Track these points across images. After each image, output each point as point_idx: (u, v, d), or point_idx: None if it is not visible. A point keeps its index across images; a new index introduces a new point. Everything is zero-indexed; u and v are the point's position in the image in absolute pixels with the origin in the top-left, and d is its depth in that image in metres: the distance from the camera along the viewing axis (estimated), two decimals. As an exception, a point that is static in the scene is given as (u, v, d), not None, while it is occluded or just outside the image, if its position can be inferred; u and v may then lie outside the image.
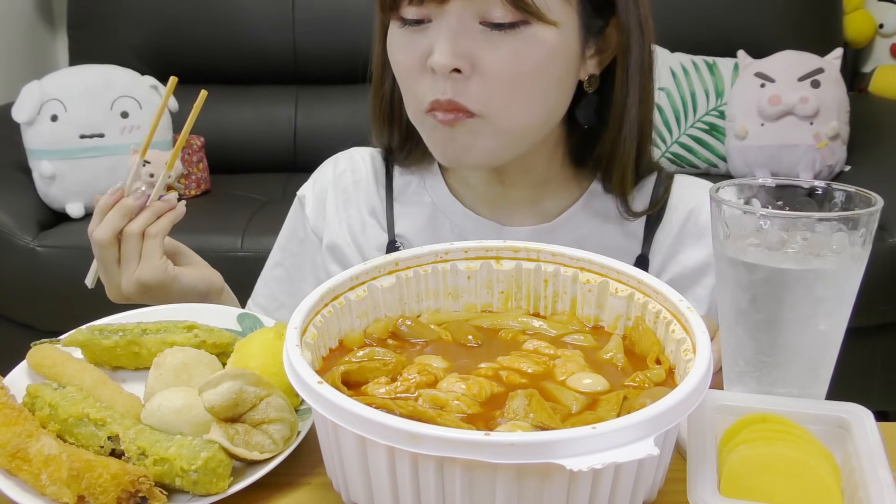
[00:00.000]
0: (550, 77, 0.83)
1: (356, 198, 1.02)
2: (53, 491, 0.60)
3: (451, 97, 0.81)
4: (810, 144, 2.33)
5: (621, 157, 0.90)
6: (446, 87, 0.81)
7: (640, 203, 0.96)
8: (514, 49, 0.80)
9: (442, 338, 0.68)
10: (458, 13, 0.80)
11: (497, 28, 0.80)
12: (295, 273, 1.05)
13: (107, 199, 0.94)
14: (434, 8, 0.80)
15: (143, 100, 2.24)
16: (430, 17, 0.81)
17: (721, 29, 2.56)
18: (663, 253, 0.96)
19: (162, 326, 0.77)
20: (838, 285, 0.63)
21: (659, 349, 0.64)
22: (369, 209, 1.01)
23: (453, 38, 0.80)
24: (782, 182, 0.68)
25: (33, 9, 2.80)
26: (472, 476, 0.50)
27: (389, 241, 0.99)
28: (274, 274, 1.07)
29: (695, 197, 0.97)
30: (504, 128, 0.84)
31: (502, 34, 0.80)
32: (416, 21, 0.82)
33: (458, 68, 0.80)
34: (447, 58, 0.79)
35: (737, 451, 0.58)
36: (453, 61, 0.80)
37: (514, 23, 0.79)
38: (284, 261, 1.06)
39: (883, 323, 2.06)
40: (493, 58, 0.80)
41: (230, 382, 0.62)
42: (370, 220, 1.01)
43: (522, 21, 0.79)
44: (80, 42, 2.62)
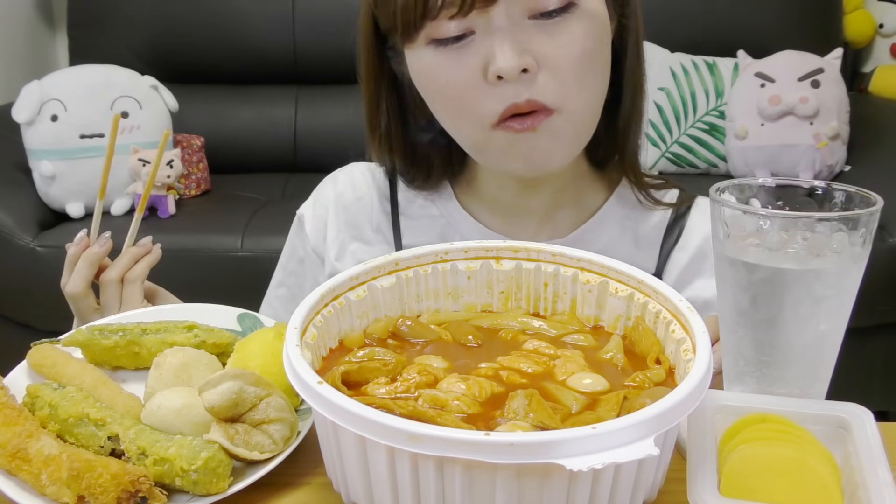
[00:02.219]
0: (605, 50, 0.83)
1: (358, 216, 1.00)
2: (53, 491, 0.60)
3: (529, 97, 0.78)
4: (810, 144, 2.33)
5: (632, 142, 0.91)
6: (519, 89, 0.78)
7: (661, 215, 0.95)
8: (573, 32, 0.79)
9: (442, 338, 0.68)
10: (506, 13, 0.77)
11: (548, 17, 0.78)
12: (297, 292, 1.04)
13: (74, 251, 0.93)
14: (478, 16, 0.77)
15: (143, 100, 2.25)
16: (472, 28, 0.78)
17: (721, 29, 2.57)
18: (677, 273, 0.94)
19: (162, 326, 0.77)
20: (838, 285, 0.63)
21: (659, 349, 0.64)
22: (374, 226, 0.99)
23: (511, 38, 0.77)
24: (782, 182, 0.68)
25: (33, 9, 2.80)
26: (472, 476, 0.50)
27: None
28: (277, 294, 1.06)
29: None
30: (580, 117, 0.82)
31: (555, 22, 0.78)
32: (456, 38, 0.79)
33: (525, 68, 0.77)
34: (513, 59, 0.76)
35: (737, 451, 0.58)
36: (521, 61, 0.77)
37: (564, 7, 0.78)
38: (286, 280, 1.05)
39: (883, 323, 2.06)
40: (556, 47, 0.78)
41: (230, 382, 0.62)
42: (376, 237, 0.99)
43: (571, 3, 0.78)
44: (80, 42, 2.62)
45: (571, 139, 0.84)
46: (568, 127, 0.82)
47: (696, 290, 0.93)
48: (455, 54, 0.79)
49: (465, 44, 0.79)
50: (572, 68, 0.79)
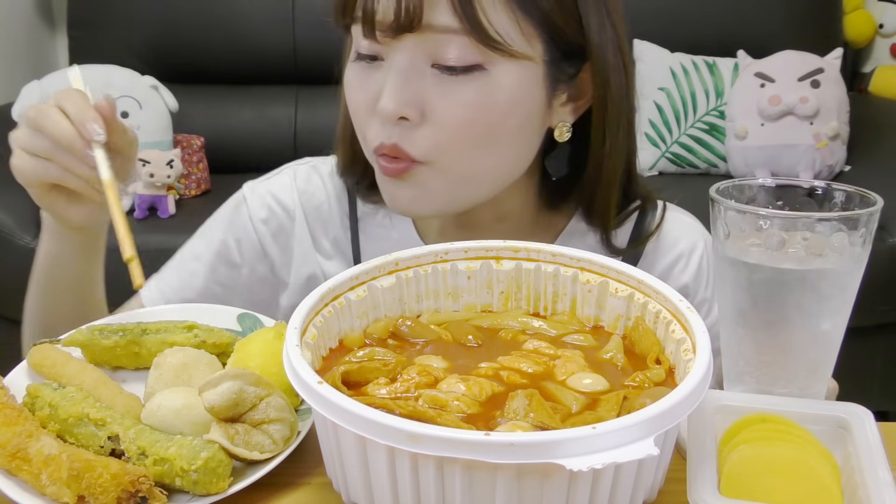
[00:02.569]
0: (508, 127, 0.77)
1: (321, 224, 0.94)
2: (53, 491, 0.60)
3: (396, 142, 0.76)
4: (810, 144, 2.34)
5: (602, 202, 0.85)
6: (392, 132, 0.76)
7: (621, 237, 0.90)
8: (468, 97, 0.74)
9: (442, 338, 0.68)
10: (410, 53, 0.74)
11: (450, 72, 0.74)
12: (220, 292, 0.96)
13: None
14: (386, 46, 0.75)
15: (143, 100, 2.25)
16: (382, 54, 0.76)
17: (721, 29, 2.57)
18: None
19: (162, 326, 0.77)
20: (838, 285, 0.63)
21: (659, 349, 0.64)
22: (331, 239, 0.94)
23: (403, 82, 0.74)
24: (782, 182, 0.68)
25: (33, 9, 2.80)
26: (472, 476, 0.50)
27: None
28: (192, 268, 0.97)
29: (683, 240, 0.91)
30: (454, 175, 0.78)
31: (455, 79, 0.74)
32: (370, 57, 0.77)
33: (405, 116, 0.75)
34: (394, 104, 0.74)
35: (737, 451, 0.58)
36: (400, 109, 0.74)
37: (468, 67, 0.73)
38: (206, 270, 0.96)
39: (883, 323, 2.07)
40: (445, 105, 0.75)
41: (230, 382, 0.62)
42: (333, 251, 0.94)
43: (477, 66, 0.73)
44: (80, 42, 2.62)
45: (444, 191, 0.80)
46: (438, 182, 0.78)
47: None
48: (367, 73, 0.78)
49: (376, 66, 0.77)
50: (454, 132, 0.76)
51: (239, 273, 0.96)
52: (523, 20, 0.74)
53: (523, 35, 0.74)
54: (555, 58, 0.78)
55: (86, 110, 0.75)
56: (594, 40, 0.77)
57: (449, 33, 0.72)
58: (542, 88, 0.78)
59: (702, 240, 0.93)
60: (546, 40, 0.76)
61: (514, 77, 0.75)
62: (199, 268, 0.96)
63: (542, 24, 0.75)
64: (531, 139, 0.81)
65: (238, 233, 0.95)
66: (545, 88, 0.78)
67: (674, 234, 0.92)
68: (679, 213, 0.95)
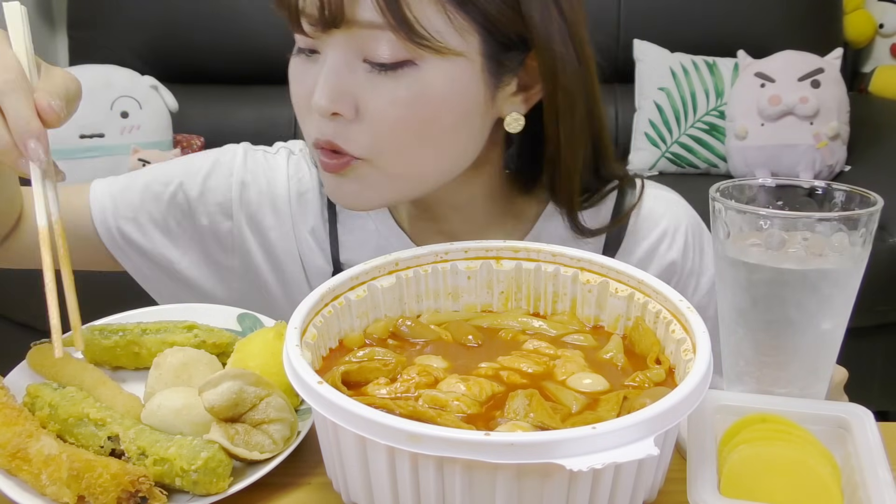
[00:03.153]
0: (445, 123, 0.75)
1: (303, 213, 0.92)
2: (53, 491, 0.60)
3: (332, 139, 0.74)
4: (810, 144, 2.33)
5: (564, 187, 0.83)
6: (326, 128, 0.74)
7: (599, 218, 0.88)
8: (400, 94, 0.72)
9: (442, 338, 0.68)
10: (343, 49, 0.72)
11: (380, 68, 0.72)
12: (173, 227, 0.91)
13: None
14: (320, 40, 0.73)
15: (143, 100, 2.25)
16: (318, 48, 0.74)
17: (721, 29, 2.56)
18: None
19: (162, 326, 0.77)
20: (838, 285, 0.63)
21: (659, 349, 0.64)
22: (309, 228, 0.92)
23: (334, 77, 0.72)
24: (782, 182, 0.68)
25: (33, 9, 2.80)
26: (472, 476, 0.50)
27: (335, 271, 0.90)
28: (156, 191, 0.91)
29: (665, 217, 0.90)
30: (394, 172, 0.77)
31: (386, 76, 0.72)
32: (309, 50, 0.75)
33: (337, 112, 0.73)
34: (326, 101, 0.72)
35: (737, 451, 0.58)
36: (332, 105, 0.72)
37: (397, 63, 0.71)
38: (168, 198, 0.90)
39: (883, 323, 2.07)
40: (377, 102, 0.73)
41: (230, 382, 0.62)
42: (311, 241, 0.92)
43: (408, 62, 0.71)
44: (80, 42, 2.62)
45: (386, 188, 0.78)
46: (378, 177, 0.77)
47: None
48: (305, 66, 0.76)
49: (314, 60, 0.75)
50: (388, 129, 0.74)
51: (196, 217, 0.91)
52: (455, 14, 0.71)
53: (455, 29, 0.72)
54: (494, 50, 0.75)
55: (29, 120, 0.62)
56: (538, 31, 0.74)
57: (375, 29, 0.70)
58: (480, 82, 0.75)
59: (685, 214, 0.92)
60: (482, 33, 0.73)
61: (446, 73, 0.73)
62: (163, 193, 0.91)
63: (477, 16, 0.72)
64: (474, 132, 0.78)
65: (218, 180, 0.92)
66: (484, 82, 0.75)
67: (657, 212, 0.90)
68: (660, 189, 0.93)
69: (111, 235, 0.90)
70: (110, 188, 0.92)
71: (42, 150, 0.63)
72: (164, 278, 0.93)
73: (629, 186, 0.90)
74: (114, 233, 0.90)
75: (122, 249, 0.91)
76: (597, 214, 0.89)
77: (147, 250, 0.91)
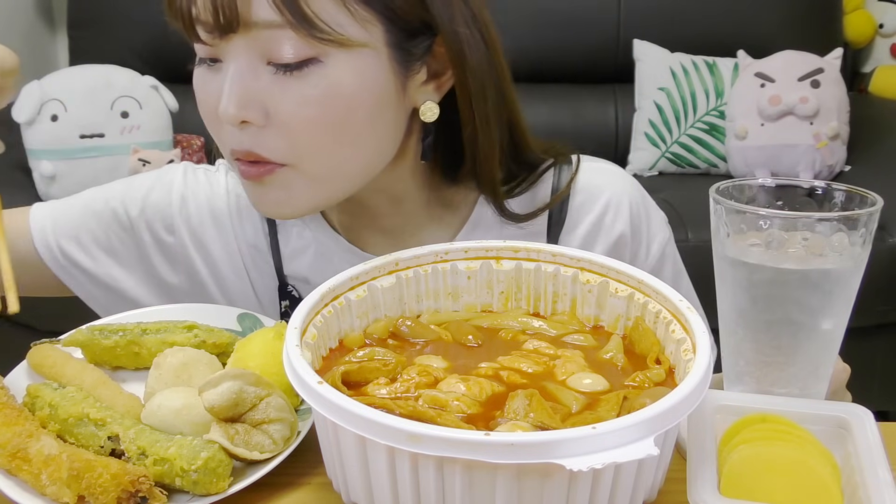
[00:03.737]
0: (359, 118, 0.73)
1: (243, 227, 0.90)
2: (53, 491, 0.60)
3: (249, 148, 0.72)
4: (810, 144, 2.34)
5: (485, 174, 0.82)
6: (241, 138, 0.72)
7: (538, 199, 0.87)
8: (308, 93, 0.70)
9: (442, 338, 0.68)
10: (245, 53, 0.70)
11: (285, 70, 0.70)
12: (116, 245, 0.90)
13: None
14: (217, 47, 0.71)
15: (143, 100, 2.25)
16: (219, 56, 0.72)
17: (721, 29, 2.57)
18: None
19: (162, 326, 0.77)
20: (838, 285, 0.63)
21: (659, 349, 0.64)
22: (251, 242, 0.90)
23: (239, 84, 0.70)
24: (782, 182, 0.68)
25: (33, 9, 2.80)
26: (472, 476, 0.50)
27: (280, 283, 0.89)
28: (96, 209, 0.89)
29: (606, 188, 0.88)
30: (316, 175, 0.75)
31: (292, 77, 0.70)
32: (210, 60, 0.73)
33: (246, 120, 0.71)
34: (233, 108, 0.70)
35: (737, 451, 0.58)
36: (240, 113, 0.71)
37: (301, 62, 0.69)
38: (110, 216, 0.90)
39: (883, 323, 2.07)
40: (286, 105, 0.71)
41: (230, 382, 0.62)
42: (254, 255, 0.90)
43: (313, 59, 0.69)
44: (80, 42, 2.62)
45: (311, 192, 0.76)
46: (301, 182, 0.75)
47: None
48: (207, 77, 0.74)
49: (216, 69, 0.73)
50: (301, 132, 0.72)
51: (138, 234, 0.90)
52: (355, 5, 0.70)
53: (357, 21, 0.70)
54: (398, 39, 0.73)
55: None
56: (439, 16, 0.73)
57: (275, 28, 0.68)
58: (389, 72, 0.73)
59: (626, 183, 0.91)
60: (385, 22, 0.72)
61: (353, 67, 0.71)
62: (104, 211, 0.90)
63: (378, 6, 0.71)
64: (390, 125, 0.77)
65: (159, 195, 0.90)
66: (393, 72, 0.74)
67: (596, 184, 0.89)
68: (597, 162, 0.92)
69: (53, 255, 0.88)
70: (51, 209, 0.90)
71: None
72: (112, 297, 0.91)
73: (565, 164, 0.89)
74: (55, 253, 0.88)
75: (65, 270, 0.89)
76: (533, 198, 0.88)
77: (91, 270, 0.90)
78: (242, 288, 0.91)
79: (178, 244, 0.90)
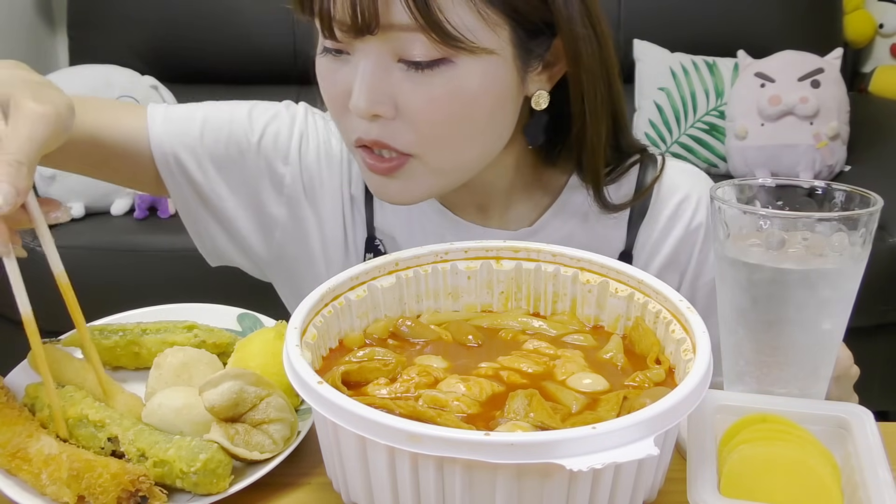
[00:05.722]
0: (484, 114, 0.77)
1: (350, 174, 0.94)
2: (53, 491, 0.60)
3: (377, 138, 0.76)
4: (810, 144, 2.33)
5: (590, 163, 0.85)
6: (370, 128, 0.76)
7: (622, 193, 0.91)
8: (437, 91, 0.74)
9: (442, 338, 0.68)
10: (376, 51, 0.73)
11: (416, 67, 0.73)
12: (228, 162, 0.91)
13: None
14: (351, 44, 0.74)
15: (143, 100, 2.24)
16: (347, 49, 0.75)
17: (721, 29, 2.56)
18: (649, 248, 0.91)
19: (162, 326, 0.77)
20: (839, 285, 0.63)
21: (659, 349, 0.64)
22: (354, 190, 0.94)
23: (371, 79, 0.74)
24: (782, 182, 0.68)
25: (33, 9, 2.80)
26: (472, 476, 0.50)
27: (369, 236, 0.93)
28: (215, 125, 0.91)
29: (687, 185, 0.92)
30: (440, 167, 0.79)
31: (423, 74, 0.73)
32: (336, 51, 0.76)
33: (378, 114, 0.75)
34: (365, 103, 0.74)
35: (737, 451, 0.58)
36: (372, 107, 0.74)
37: (434, 61, 0.73)
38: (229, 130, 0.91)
39: (883, 323, 2.07)
40: (416, 101, 0.74)
41: (230, 382, 0.62)
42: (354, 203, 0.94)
43: (444, 59, 0.73)
44: (80, 42, 2.61)
45: (432, 182, 0.80)
46: (425, 173, 0.79)
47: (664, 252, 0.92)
48: (335, 66, 0.77)
49: (344, 60, 0.76)
50: (430, 126, 0.75)
51: (253, 158, 0.92)
52: (486, 10, 0.73)
53: (487, 25, 0.73)
54: (523, 39, 0.77)
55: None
56: (561, 15, 0.76)
57: (409, 31, 0.71)
58: (512, 70, 0.77)
59: (707, 182, 0.94)
60: (511, 24, 0.75)
61: (482, 67, 0.74)
62: (224, 128, 0.91)
63: (506, 8, 0.74)
64: (509, 117, 0.81)
65: (279, 126, 0.93)
66: (517, 69, 0.77)
67: (677, 181, 0.92)
68: (681, 163, 0.96)
69: (166, 160, 0.89)
70: (169, 114, 0.91)
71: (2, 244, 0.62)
72: (204, 213, 0.93)
73: (650, 161, 0.92)
74: (169, 158, 0.89)
75: (173, 175, 0.90)
76: (619, 189, 0.91)
77: (198, 182, 0.91)
78: (336, 233, 0.94)
79: (289, 176, 0.92)
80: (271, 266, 0.97)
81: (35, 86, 0.65)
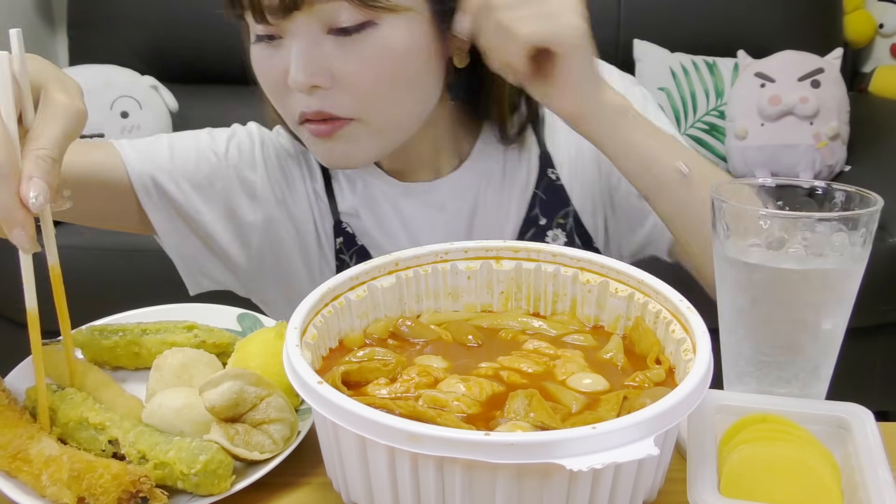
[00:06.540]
0: (411, 72, 0.84)
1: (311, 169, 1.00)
2: (54, 492, 0.60)
3: (319, 108, 0.82)
4: (810, 144, 2.33)
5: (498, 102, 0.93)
6: (311, 100, 0.82)
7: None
8: (367, 53, 0.80)
9: (442, 338, 0.68)
10: (305, 27, 0.80)
11: (345, 34, 0.80)
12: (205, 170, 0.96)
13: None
14: (280, 25, 0.80)
15: (143, 100, 2.25)
16: (279, 32, 0.81)
17: (721, 29, 2.56)
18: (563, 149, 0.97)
19: (162, 326, 0.77)
20: (838, 285, 0.63)
21: (659, 349, 0.64)
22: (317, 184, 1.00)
23: (306, 54, 0.80)
24: (782, 182, 0.68)
25: (33, 9, 2.80)
26: (472, 476, 0.50)
27: (335, 221, 0.98)
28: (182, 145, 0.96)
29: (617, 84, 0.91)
30: (379, 126, 0.85)
31: (351, 40, 0.80)
32: (269, 37, 0.82)
33: (316, 85, 0.81)
34: (304, 76, 0.80)
35: (737, 451, 0.58)
36: (310, 79, 0.80)
37: (360, 25, 0.79)
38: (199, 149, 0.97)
39: (883, 323, 2.06)
40: (349, 66, 0.81)
41: (231, 382, 0.62)
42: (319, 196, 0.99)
43: (369, 22, 0.80)
44: (80, 42, 2.62)
45: (374, 143, 0.87)
46: (367, 133, 0.85)
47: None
48: (269, 52, 0.83)
49: (276, 45, 0.82)
50: (366, 88, 0.82)
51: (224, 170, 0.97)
52: None
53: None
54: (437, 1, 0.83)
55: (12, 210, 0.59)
56: None
57: (332, 2, 0.78)
58: (432, 27, 0.84)
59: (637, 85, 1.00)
60: None
61: (404, 24, 0.81)
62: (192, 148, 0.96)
63: None
64: (434, 75, 0.87)
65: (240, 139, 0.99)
66: (436, 26, 0.84)
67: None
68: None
69: (145, 186, 0.93)
70: (135, 144, 0.95)
71: (26, 239, 0.60)
72: (186, 230, 0.96)
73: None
74: (147, 182, 0.93)
75: (153, 199, 0.94)
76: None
77: (177, 201, 0.94)
78: (307, 227, 0.99)
79: (260, 181, 0.98)
80: (253, 276, 1.00)
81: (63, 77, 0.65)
